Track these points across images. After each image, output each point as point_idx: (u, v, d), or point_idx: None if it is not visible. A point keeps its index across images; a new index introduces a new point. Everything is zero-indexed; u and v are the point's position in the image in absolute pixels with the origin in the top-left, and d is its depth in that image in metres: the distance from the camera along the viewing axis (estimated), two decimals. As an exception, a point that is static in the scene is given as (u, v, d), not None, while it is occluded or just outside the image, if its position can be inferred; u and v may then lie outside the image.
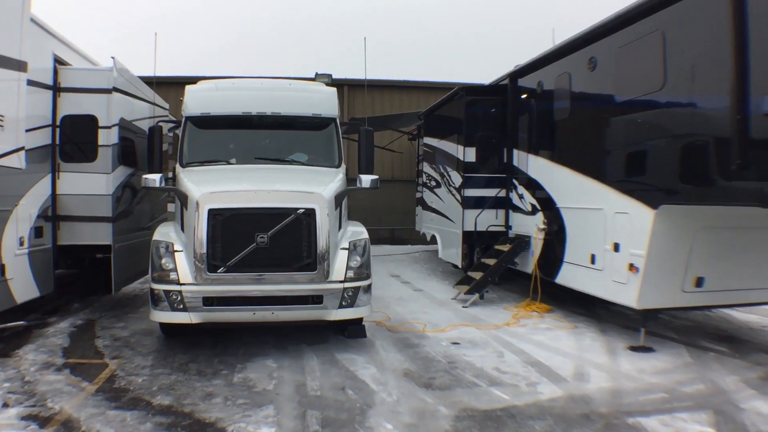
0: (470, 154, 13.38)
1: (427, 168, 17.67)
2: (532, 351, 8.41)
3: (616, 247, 8.69)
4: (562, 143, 10.67)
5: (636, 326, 9.01)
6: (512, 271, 12.61)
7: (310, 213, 7.79)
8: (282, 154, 9.68)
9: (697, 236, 7.94)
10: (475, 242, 13.67)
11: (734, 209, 7.25)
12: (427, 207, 17.86)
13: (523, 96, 12.23)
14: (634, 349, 8.51)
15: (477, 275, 12.01)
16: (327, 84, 24.04)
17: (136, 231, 11.42)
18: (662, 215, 7.78)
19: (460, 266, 14.15)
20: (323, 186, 8.32)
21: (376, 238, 24.73)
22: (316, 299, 7.90)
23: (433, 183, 16.68)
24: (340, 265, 8.03)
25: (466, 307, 11.50)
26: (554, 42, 11.57)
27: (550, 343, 8.92)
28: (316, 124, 9.88)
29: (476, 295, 11.79)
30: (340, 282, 7.95)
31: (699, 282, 8.23)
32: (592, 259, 9.38)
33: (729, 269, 8.33)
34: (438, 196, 16.18)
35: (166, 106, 14.39)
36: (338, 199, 8.43)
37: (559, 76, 10.54)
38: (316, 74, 24.42)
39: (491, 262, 12.09)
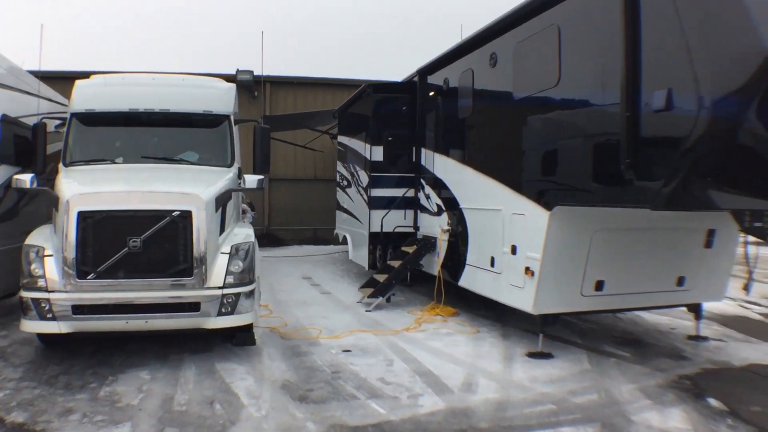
0: (377, 153, 12.99)
1: (340, 167, 17.25)
2: (425, 359, 8.01)
3: (514, 250, 8.37)
4: (464, 142, 10.33)
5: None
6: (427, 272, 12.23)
7: (186, 215, 7.30)
8: (171, 152, 9.14)
9: (594, 238, 7.66)
10: (381, 243, 13.26)
11: (631, 209, 6.97)
12: (340, 207, 17.44)
13: (431, 93, 11.87)
14: (531, 355, 8.21)
15: (382, 278, 11.58)
16: (247, 81, 23.70)
17: (22, 236, 10.61)
18: (557, 217, 7.46)
19: (367, 268, 13.71)
20: (204, 187, 7.83)
21: (299, 239, 24.56)
22: (193, 306, 7.39)
23: (345, 183, 16.26)
24: (219, 270, 7.53)
25: (370, 311, 11.06)
26: (462, 37, 11.23)
27: (446, 349, 8.53)
28: (208, 121, 9.40)
29: (380, 299, 11.36)
30: (219, 288, 7.45)
31: (599, 285, 7.96)
32: (492, 262, 9.06)
33: (629, 272, 8.10)
34: (349, 196, 15.76)
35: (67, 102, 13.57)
36: (220, 201, 7.92)
37: (463, 73, 10.20)
38: (237, 70, 23.84)
39: (397, 264, 11.68)
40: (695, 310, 9.07)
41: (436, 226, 11.27)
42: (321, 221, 23.51)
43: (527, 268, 7.93)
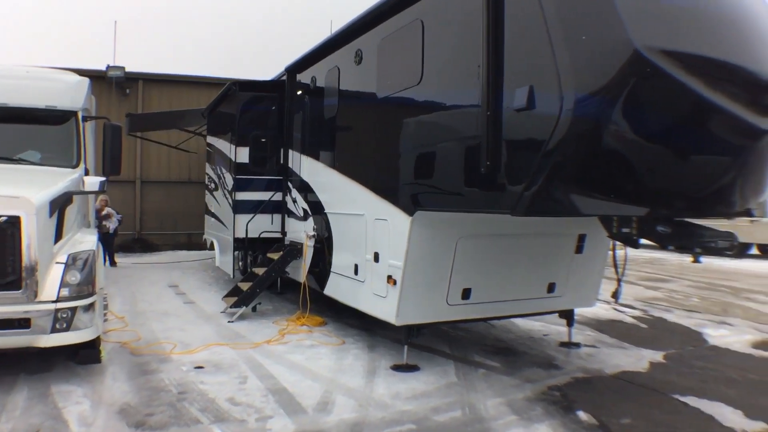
0: (243, 155, 12.29)
1: (208, 169, 16.43)
2: (283, 375, 7.44)
3: (377, 257, 7.92)
4: (329, 143, 9.80)
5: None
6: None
7: (15, 221, 6.50)
8: (9, 151, 8.24)
9: (459, 245, 7.32)
10: (247, 250, 12.58)
11: (498, 215, 6.61)
12: (207, 211, 16.63)
13: (299, 93, 11.31)
14: (396, 368, 7.78)
15: (246, 286, 10.90)
16: (118, 77, 22.41)
17: None
18: (419, 222, 7.06)
19: (232, 276, 12.98)
20: (38, 189, 7.01)
21: (172, 244, 23.35)
22: (22, 323, 6.56)
23: (213, 186, 15.49)
24: (53, 282, 6.74)
25: (232, 322, 10.37)
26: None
27: (307, 363, 7.99)
28: (52, 117, 8.55)
29: (243, 309, 10.68)
30: (52, 302, 6.65)
31: (466, 294, 7.64)
32: (356, 270, 8.59)
33: (498, 279, 7.86)
34: (216, 200, 15.00)
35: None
36: (57, 205, 7.11)
37: (330, 71, 9.70)
38: (108, 66, 22.64)
39: (262, 271, 11.04)
40: (567, 316, 8.94)
41: (303, 232, 10.71)
42: (196, 226, 22.36)
43: (389, 277, 7.50)
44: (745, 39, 5.37)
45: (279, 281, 12.36)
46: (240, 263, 12.92)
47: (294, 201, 11.35)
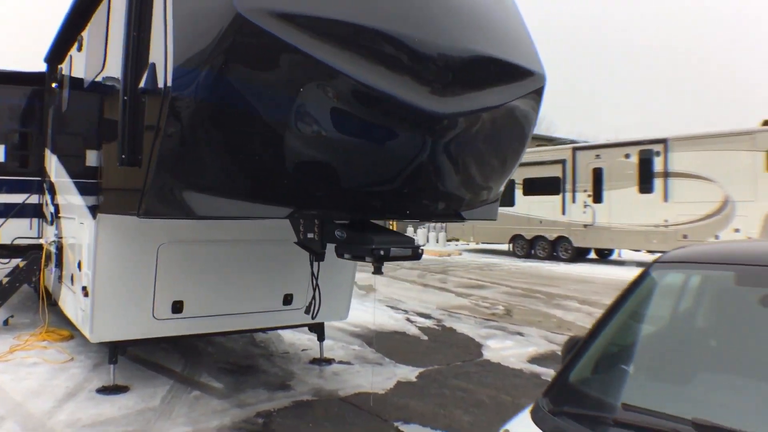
0: (-3, 153, 11.10)
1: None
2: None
3: (80, 265, 7.05)
4: (61, 138, 8.88)
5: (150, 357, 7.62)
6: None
7: None
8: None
9: (162, 252, 6.53)
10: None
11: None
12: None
13: (53, 85, 10.22)
14: (103, 390, 6.95)
15: (-13, 298, 9.73)
16: None
17: None
18: (106, 225, 6.24)
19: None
20: None
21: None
22: None
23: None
24: None
25: (-28, 337, 9.23)
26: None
27: (8, 384, 7.14)
28: None
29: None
30: None
31: (177, 307, 6.85)
32: (72, 279, 7.67)
33: (217, 291, 7.10)
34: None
35: None
36: None
37: (70, 59, 8.73)
38: None
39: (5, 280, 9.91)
40: (317, 330, 8.28)
41: (50, 236, 9.66)
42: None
43: (84, 288, 6.65)
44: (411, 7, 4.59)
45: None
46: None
47: (46, 204, 10.29)
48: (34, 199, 10.69)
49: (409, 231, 33.02)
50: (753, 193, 18.58)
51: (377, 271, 5.17)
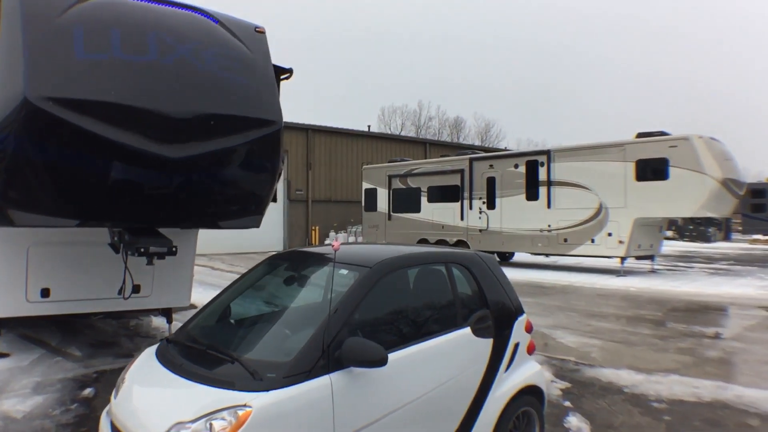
0: None
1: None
2: None
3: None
4: None
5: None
6: None
7: None
8: None
9: (32, 250, 8.79)
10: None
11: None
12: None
13: None
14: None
15: None
16: None
17: None
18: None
19: None
20: None
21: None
22: None
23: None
24: None
25: None
26: None
27: None
28: None
29: None
30: None
31: (45, 293, 9.06)
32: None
33: (77, 281, 9.30)
34: None
35: None
36: None
37: None
38: None
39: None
40: (166, 314, 10.54)
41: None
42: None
43: (-30, 276, 8.89)
44: (151, 83, 6.80)
45: None
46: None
47: None
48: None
49: (332, 235, 35.61)
50: (623, 200, 20.66)
51: (148, 263, 7.48)
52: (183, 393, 4.05)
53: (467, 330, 5.07)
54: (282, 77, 9.39)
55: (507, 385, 5.30)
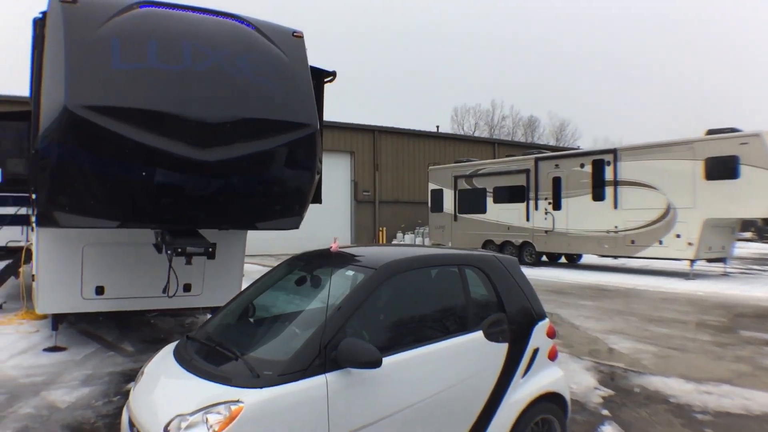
0: (-4, 175, 14.00)
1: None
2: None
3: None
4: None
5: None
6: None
7: None
8: None
9: (86, 250, 9.18)
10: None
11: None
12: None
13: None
14: (48, 349, 9.67)
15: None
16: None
17: None
18: (44, 231, 8.85)
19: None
20: None
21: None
22: None
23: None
24: None
25: (-35, 317, 12.07)
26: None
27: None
28: None
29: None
30: None
31: (99, 290, 9.46)
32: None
33: (130, 279, 9.65)
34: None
35: None
36: None
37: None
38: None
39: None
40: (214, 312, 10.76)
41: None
42: None
43: (33, 275, 9.33)
44: (185, 90, 6.99)
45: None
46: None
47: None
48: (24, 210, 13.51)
49: (399, 236, 35.66)
50: (692, 201, 19.97)
51: (187, 262, 7.71)
52: (188, 387, 4.22)
53: (479, 334, 5.03)
54: (325, 80, 9.53)
55: (524, 391, 5.22)
